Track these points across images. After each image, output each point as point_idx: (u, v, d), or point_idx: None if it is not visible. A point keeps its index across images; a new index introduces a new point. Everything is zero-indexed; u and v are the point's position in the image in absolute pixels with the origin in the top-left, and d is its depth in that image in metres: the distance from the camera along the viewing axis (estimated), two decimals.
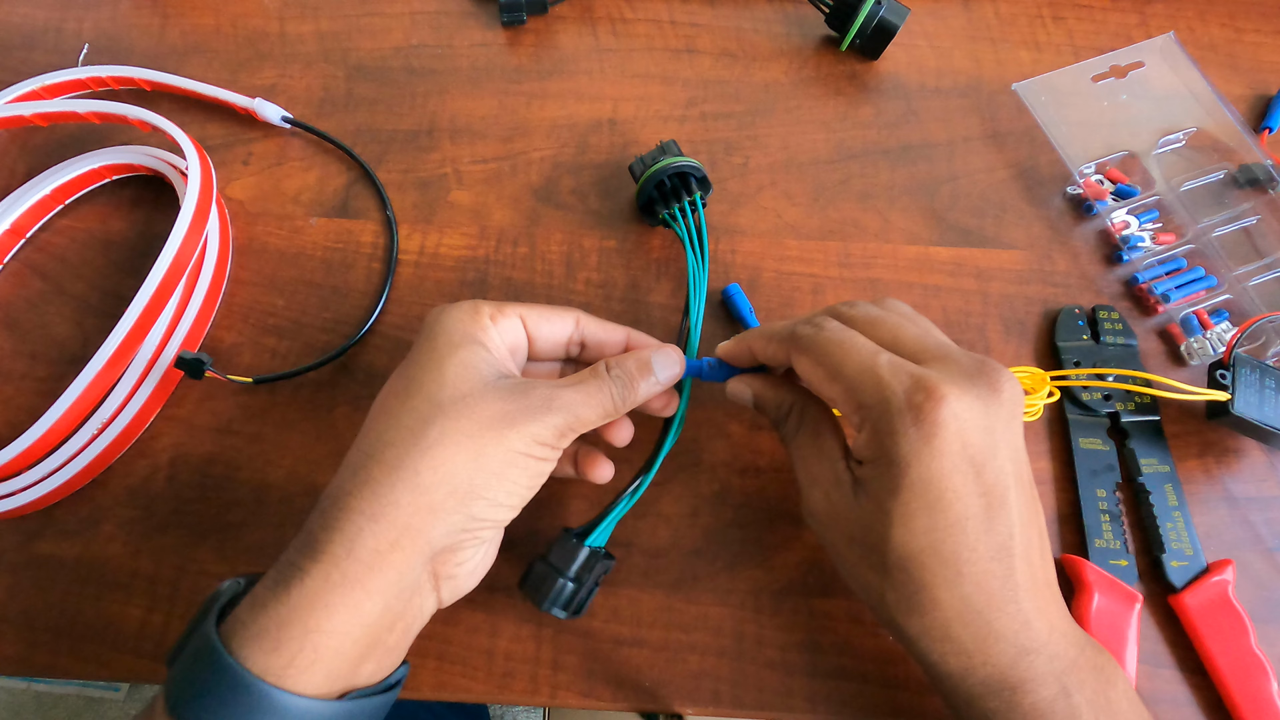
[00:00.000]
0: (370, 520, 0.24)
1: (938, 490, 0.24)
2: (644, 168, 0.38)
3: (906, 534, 0.24)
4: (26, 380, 0.37)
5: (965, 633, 0.25)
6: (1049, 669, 0.24)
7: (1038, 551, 0.25)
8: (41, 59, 0.44)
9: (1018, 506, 0.25)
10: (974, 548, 0.24)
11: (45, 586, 0.33)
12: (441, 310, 0.29)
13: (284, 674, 0.23)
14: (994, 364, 0.26)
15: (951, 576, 0.24)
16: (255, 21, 0.46)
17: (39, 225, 0.40)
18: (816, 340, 0.28)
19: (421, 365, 0.27)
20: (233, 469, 0.35)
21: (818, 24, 0.46)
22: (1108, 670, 0.25)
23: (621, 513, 0.31)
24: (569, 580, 0.30)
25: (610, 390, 0.28)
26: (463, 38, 0.45)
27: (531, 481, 0.28)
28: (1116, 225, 0.40)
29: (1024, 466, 0.26)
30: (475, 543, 0.27)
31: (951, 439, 0.24)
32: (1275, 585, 0.34)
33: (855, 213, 0.41)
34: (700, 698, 0.32)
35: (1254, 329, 0.36)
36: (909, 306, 0.30)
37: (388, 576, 0.24)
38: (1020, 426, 0.26)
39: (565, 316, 0.31)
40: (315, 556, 0.24)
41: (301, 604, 0.23)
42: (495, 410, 0.26)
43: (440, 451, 0.25)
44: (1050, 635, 0.25)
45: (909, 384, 0.25)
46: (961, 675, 0.25)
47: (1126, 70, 0.43)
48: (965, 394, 0.24)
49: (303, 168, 0.42)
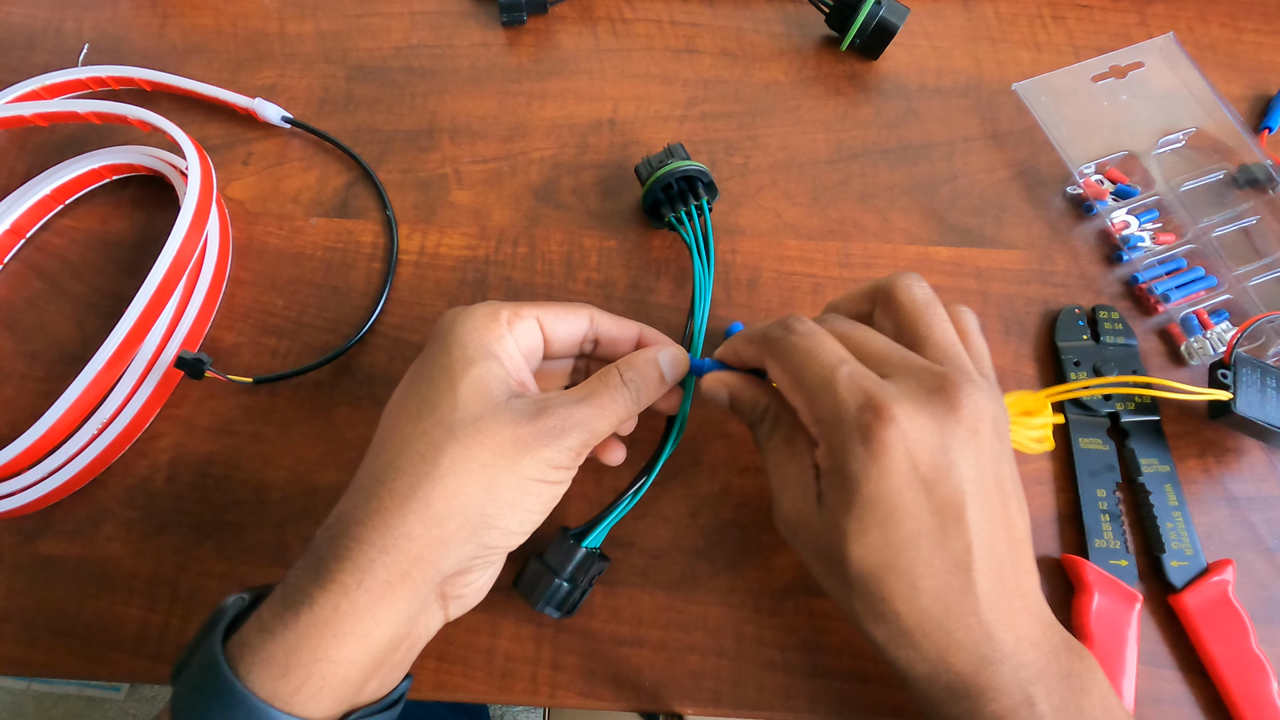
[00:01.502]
0: (381, 552, 0.24)
1: (888, 508, 0.24)
2: (650, 170, 0.37)
3: (862, 549, 0.24)
4: (26, 380, 0.37)
5: (926, 642, 0.25)
6: (1013, 678, 0.24)
7: (1008, 562, 0.25)
8: (41, 59, 0.44)
9: (978, 520, 0.24)
10: (929, 562, 0.24)
11: (45, 586, 0.33)
12: (457, 315, 0.28)
13: (291, 700, 0.23)
14: (957, 379, 0.25)
15: (908, 590, 0.24)
16: (255, 21, 0.46)
17: (39, 225, 0.40)
18: (784, 344, 0.27)
19: (434, 383, 0.26)
20: (233, 469, 0.35)
21: (818, 24, 0.46)
22: (1083, 678, 0.25)
23: (620, 515, 0.31)
24: (564, 581, 0.30)
25: (623, 398, 0.28)
26: (463, 38, 0.45)
27: (545, 506, 0.27)
28: (1116, 225, 0.40)
29: (992, 479, 0.25)
30: (484, 565, 0.27)
31: (899, 459, 0.24)
32: (1275, 585, 0.34)
33: (855, 213, 0.41)
34: (700, 698, 0.32)
35: (1253, 329, 0.36)
36: (975, 320, 0.29)
37: (397, 606, 0.24)
38: (987, 440, 0.25)
39: (580, 314, 0.31)
40: (324, 585, 0.24)
41: (310, 632, 0.23)
42: (509, 436, 0.25)
43: (452, 481, 0.25)
44: (1017, 645, 0.25)
45: (861, 400, 0.25)
46: (927, 681, 0.25)
47: (1126, 70, 0.43)
48: (919, 413, 0.24)
49: (303, 168, 0.42)
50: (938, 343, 0.27)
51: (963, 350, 0.27)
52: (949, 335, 0.27)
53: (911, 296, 0.28)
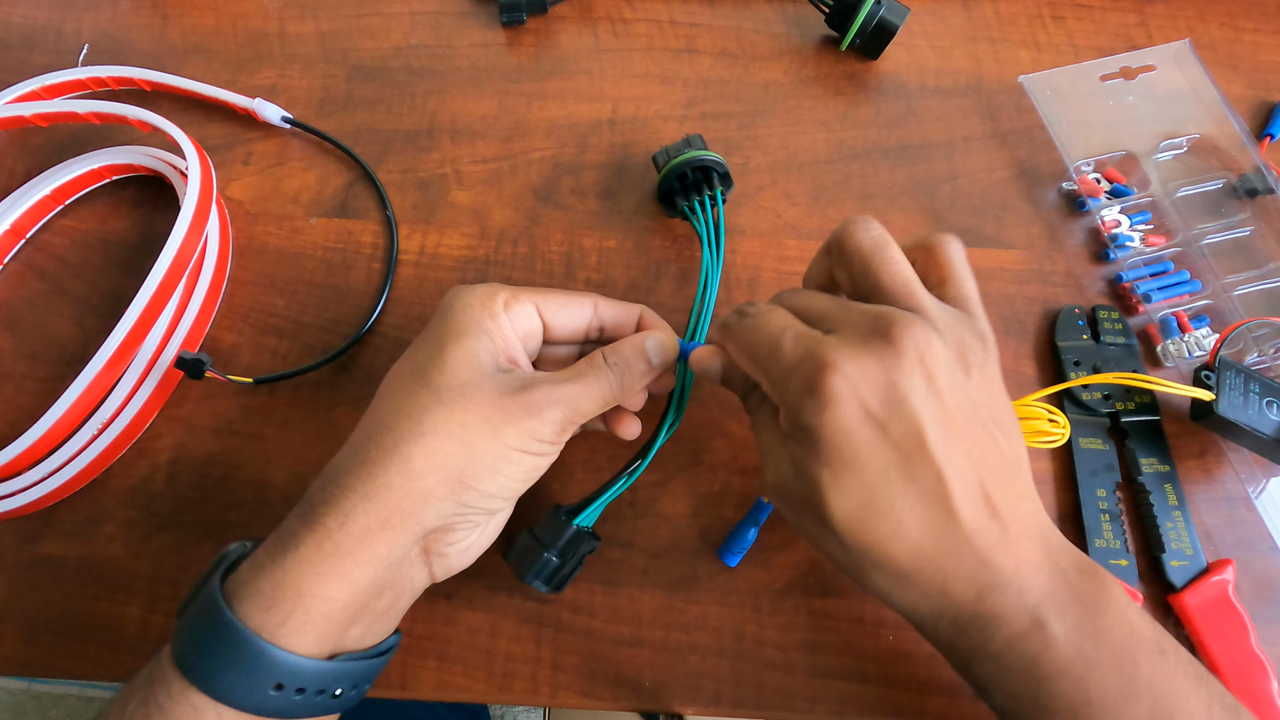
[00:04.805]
0: (364, 499, 0.26)
1: (851, 451, 0.24)
2: (668, 158, 0.38)
3: (840, 496, 0.24)
4: (26, 380, 0.37)
5: (922, 579, 0.25)
6: (1018, 603, 0.24)
7: (993, 486, 0.25)
8: (41, 59, 0.44)
9: (943, 448, 0.24)
10: (905, 495, 0.24)
11: (45, 586, 0.33)
12: (457, 291, 0.29)
13: (277, 632, 0.24)
14: (892, 316, 0.25)
15: (893, 528, 0.24)
16: (255, 21, 0.46)
17: (39, 225, 0.40)
18: (737, 328, 0.28)
19: (428, 351, 0.28)
20: (233, 469, 0.35)
21: (818, 24, 0.46)
22: (1098, 598, 0.25)
23: (614, 495, 0.32)
24: (553, 555, 0.30)
25: (608, 379, 0.29)
26: (463, 38, 0.45)
27: (526, 475, 0.28)
28: (1107, 223, 0.40)
29: (956, 406, 0.25)
30: (467, 525, 0.28)
31: (847, 402, 0.24)
32: (1275, 585, 0.34)
33: (855, 212, 0.41)
34: (700, 698, 0.32)
35: (1233, 336, 0.36)
36: (958, 249, 0.29)
37: (377, 551, 0.26)
38: (941, 368, 0.25)
39: (583, 303, 0.31)
40: (311, 526, 0.25)
41: (295, 568, 0.25)
42: (492, 404, 0.27)
43: (433, 440, 0.26)
44: (1017, 570, 0.24)
45: (803, 356, 0.25)
46: (933, 619, 0.26)
47: (1137, 72, 0.43)
48: (857, 355, 0.24)
49: (303, 168, 0.42)
50: (887, 287, 0.27)
51: (916, 289, 0.27)
52: (899, 277, 0.27)
53: (857, 243, 0.28)
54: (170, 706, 0.24)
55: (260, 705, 0.24)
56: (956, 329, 0.26)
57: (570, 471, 0.35)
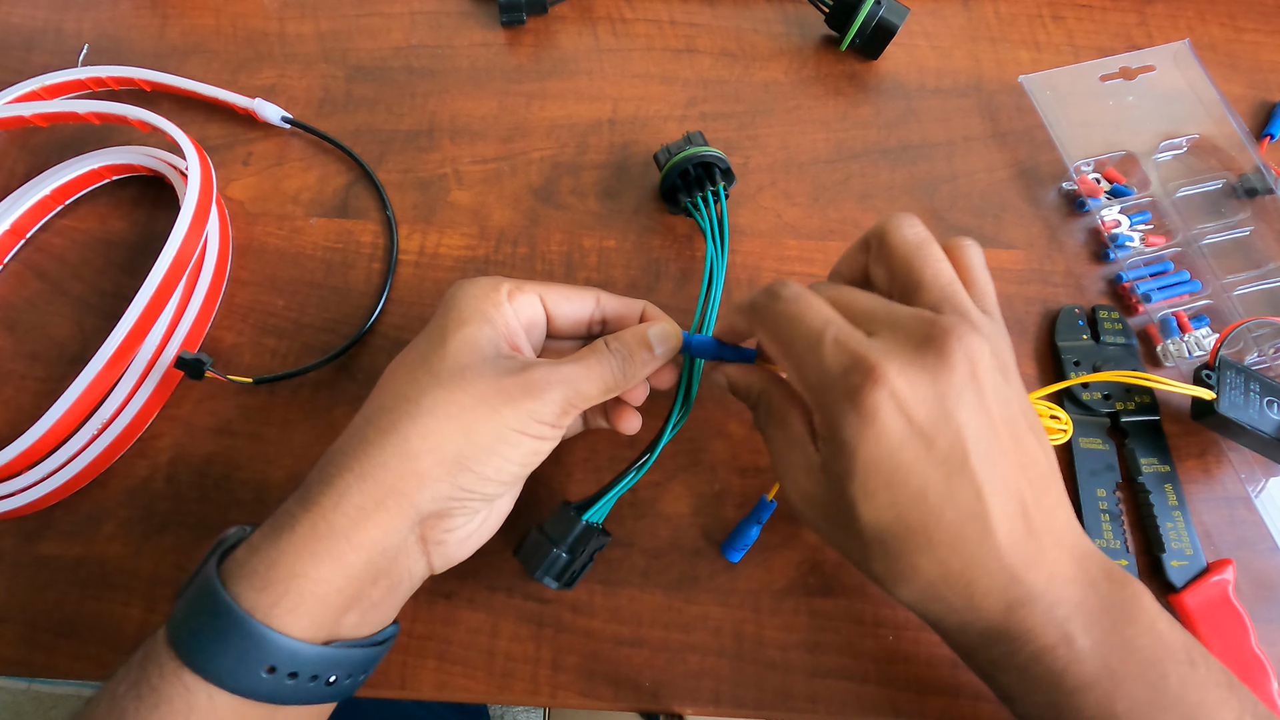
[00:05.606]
0: (359, 479, 0.25)
1: (889, 469, 0.23)
2: (669, 155, 0.38)
3: (872, 511, 0.24)
4: (26, 380, 0.37)
5: (951, 593, 0.24)
6: (1048, 618, 0.24)
7: (1030, 500, 0.24)
8: (41, 59, 0.44)
9: (986, 465, 0.23)
10: (940, 514, 0.23)
11: (45, 586, 0.33)
12: (461, 284, 0.29)
13: (270, 612, 0.24)
14: (945, 324, 0.24)
15: (923, 544, 0.24)
16: (255, 21, 0.46)
17: (39, 225, 0.40)
18: (770, 312, 0.27)
19: (430, 339, 0.28)
20: (233, 469, 0.35)
21: (818, 24, 0.46)
22: (1128, 608, 0.25)
23: (622, 490, 0.32)
24: (563, 551, 0.30)
25: (610, 364, 0.29)
26: (463, 38, 0.45)
27: (525, 459, 0.28)
28: (1107, 223, 0.40)
29: (1000, 420, 0.24)
30: (465, 512, 0.28)
31: (891, 419, 0.23)
32: (1275, 585, 0.34)
33: (855, 213, 0.41)
34: (700, 698, 0.32)
35: (1232, 336, 0.36)
36: (978, 252, 0.28)
37: (371, 534, 0.25)
38: (989, 380, 0.24)
39: (586, 296, 0.31)
40: (307, 506, 0.25)
41: (289, 549, 0.25)
42: (491, 385, 0.26)
43: (430, 421, 0.26)
44: (1049, 583, 0.24)
45: (848, 363, 0.24)
46: (960, 630, 0.26)
47: (1137, 73, 0.43)
48: (908, 367, 0.23)
49: (302, 168, 0.42)
50: (930, 285, 0.26)
51: (959, 290, 0.26)
52: (943, 275, 0.26)
53: (902, 238, 0.27)
54: (162, 686, 0.24)
55: (252, 688, 0.24)
56: (995, 335, 0.26)
57: (570, 472, 0.35)
